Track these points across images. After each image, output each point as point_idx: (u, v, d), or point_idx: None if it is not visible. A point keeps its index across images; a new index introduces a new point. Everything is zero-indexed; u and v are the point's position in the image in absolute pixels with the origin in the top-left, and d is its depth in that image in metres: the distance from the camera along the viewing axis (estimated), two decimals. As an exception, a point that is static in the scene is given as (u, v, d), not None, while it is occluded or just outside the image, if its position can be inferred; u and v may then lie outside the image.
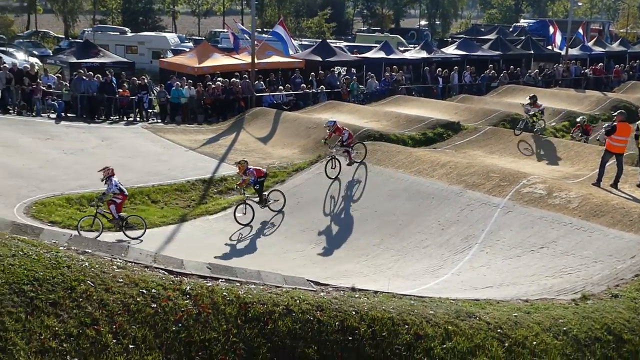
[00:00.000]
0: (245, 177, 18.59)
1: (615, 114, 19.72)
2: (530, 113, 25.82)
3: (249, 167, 18.76)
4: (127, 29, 67.10)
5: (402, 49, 52.06)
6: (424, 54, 44.51)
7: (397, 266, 15.00)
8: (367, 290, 10.60)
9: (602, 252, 13.99)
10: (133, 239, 17.05)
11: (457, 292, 12.16)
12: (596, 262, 13.66)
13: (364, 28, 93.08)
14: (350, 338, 8.77)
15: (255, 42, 34.36)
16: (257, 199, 18.88)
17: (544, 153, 23.69)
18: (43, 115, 27.77)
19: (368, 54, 44.21)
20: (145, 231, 17.43)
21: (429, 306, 10.12)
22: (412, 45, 58.21)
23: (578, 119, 27.82)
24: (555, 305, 11.14)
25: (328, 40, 51.02)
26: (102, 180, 17.51)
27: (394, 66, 39.47)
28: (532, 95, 26.91)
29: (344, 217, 18.06)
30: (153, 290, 8.48)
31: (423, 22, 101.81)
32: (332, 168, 20.53)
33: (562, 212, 15.95)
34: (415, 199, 18.23)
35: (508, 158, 22.95)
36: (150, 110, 31.41)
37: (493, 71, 42.41)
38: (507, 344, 9.59)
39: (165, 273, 9.25)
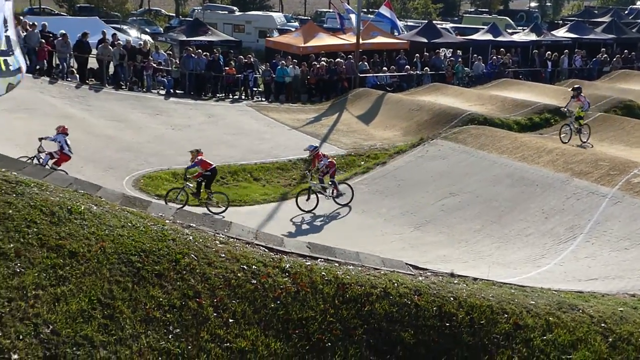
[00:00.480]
0: None
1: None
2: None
3: (199, 157, 17.84)
4: (235, 8, 68.19)
5: (510, 31, 50.83)
6: (533, 37, 43.31)
7: (498, 253, 14.71)
8: (466, 276, 10.45)
9: None
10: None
11: (560, 283, 11.82)
12: None
13: (472, 9, 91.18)
14: (447, 324, 8.66)
15: (361, 23, 34.21)
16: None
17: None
18: (153, 91, 28.59)
19: (475, 36, 43.39)
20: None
21: (530, 296, 9.88)
22: (521, 28, 56.69)
23: None
24: (666, 301, 10.68)
25: (434, 22, 50.29)
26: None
27: (501, 49, 38.57)
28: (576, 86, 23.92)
29: (444, 202, 17.82)
30: (253, 266, 8.62)
31: (533, 4, 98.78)
32: (306, 200, 18.29)
33: (676, 204, 15.26)
34: (518, 186, 17.81)
35: (619, 146, 22.08)
36: (255, 89, 31.86)
37: (605, 55, 40.78)
38: (610, 339, 9.26)
39: (266, 250, 9.38)
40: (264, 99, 31.23)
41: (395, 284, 8.98)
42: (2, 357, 6.18)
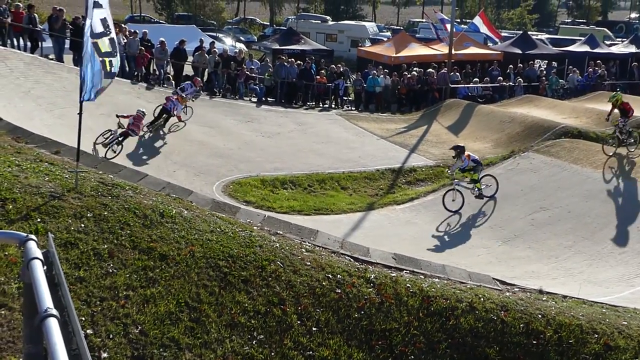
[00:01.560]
0: None
1: None
2: None
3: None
4: (328, 17, 68.72)
5: (608, 42, 49.31)
6: (632, 49, 41.88)
7: (589, 271, 14.25)
8: (556, 294, 10.20)
9: None
10: None
11: (655, 305, 11.37)
12: None
13: (568, 20, 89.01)
14: (534, 342, 8.47)
15: (454, 33, 33.90)
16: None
17: None
18: (245, 98, 29.05)
19: (571, 47, 42.34)
20: None
21: (622, 316, 9.55)
22: (620, 39, 54.96)
23: None
24: None
25: (529, 32, 49.33)
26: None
27: (598, 61, 37.48)
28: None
29: (534, 216, 17.41)
30: (338, 275, 8.65)
31: (634, 15, 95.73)
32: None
33: None
34: (612, 202, 17.23)
35: None
36: (345, 98, 31.97)
37: None
38: None
39: (351, 260, 9.40)
40: (353, 108, 31.28)
41: (482, 299, 8.84)
42: (93, 355, 6.38)
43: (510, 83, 33.95)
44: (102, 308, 7.07)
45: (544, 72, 36.19)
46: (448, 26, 33.71)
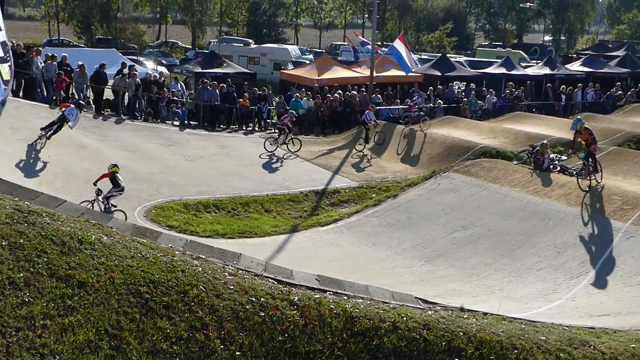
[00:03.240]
0: None
1: None
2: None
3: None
4: (251, 40, 68.89)
5: (524, 64, 50.98)
6: (546, 70, 43.40)
7: (509, 288, 14.62)
8: (477, 311, 10.40)
9: None
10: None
11: (571, 319, 11.73)
12: None
13: (486, 43, 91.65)
14: (456, 359, 8.61)
15: (375, 56, 34.42)
16: None
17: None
18: (167, 122, 28.81)
19: (488, 69, 43.57)
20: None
21: (541, 331, 9.80)
22: (534, 61, 56.89)
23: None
24: (679, 338, 10.55)
25: (448, 55, 50.56)
26: None
27: (515, 82, 38.67)
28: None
29: (455, 235, 17.77)
30: (262, 299, 8.63)
31: (547, 38, 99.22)
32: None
33: (690, 240, 15.15)
34: (530, 220, 17.75)
35: (632, 180, 21.94)
36: (268, 121, 32.04)
37: (620, 89, 40.74)
38: (622, 377, 9.17)
39: (275, 282, 9.39)
40: (277, 131, 31.36)
41: (404, 318, 8.95)
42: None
43: (431, 104, 34.65)
44: (18, 338, 6.87)
45: (463, 93, 37.13)
46: (369, 46, 34.07)
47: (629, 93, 40.23)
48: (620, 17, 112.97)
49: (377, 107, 32.73)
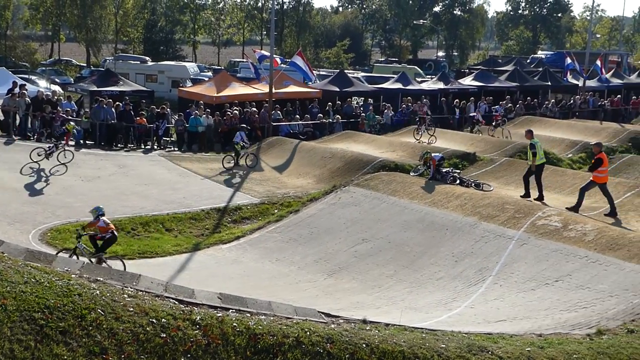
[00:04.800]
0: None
1: (593, 144, 20.47)
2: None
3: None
4: (147, 58, 67.92)
5: (419, 80, 52.26)
6: (441, 85, 44.69)
7: (410, 298, 14.87)
8: (379, 322, 10.52)
9: (618, 286, 13.80)
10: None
11: (470, 326, 12.04)
12: (612, 296, 13.48)
13: (382, 59, 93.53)
14: (360, 371, 8.69)
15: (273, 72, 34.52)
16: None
17: (559, 184, 23.52)
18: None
19: (385, 85, 44.43)
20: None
21: (441, 340, 10.01)
22: (429, 76, 58.41)
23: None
24: (570, 340, 10.99)
25: (346, 71, 51.30)
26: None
27: (411, 97, 39.62)
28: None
29: (357, 248, 17.97)
30: (163, 319, 8.47)
31: (441, 54, 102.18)
32: None
33: (578, 245, 15.79)
34: (429, 230, 18.13)
35: (514, 188, 22.80)
36: (167, 139, 31.62)
37: (510, 102, 42.35)
38: (519, 379, 9.46)
39: (176, 302, 9.24)
40: (176, 149, 31.02)
41: (308, 333, 8.96)
42: None
43: (330, 120, 35.04)
44: None
45: (361, 108, 37.73)
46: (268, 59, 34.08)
47: (517, 106, 41.90)
48: (508, 34, 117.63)
49: (277, 123, 32.89)
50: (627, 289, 13.59)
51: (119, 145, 29.71)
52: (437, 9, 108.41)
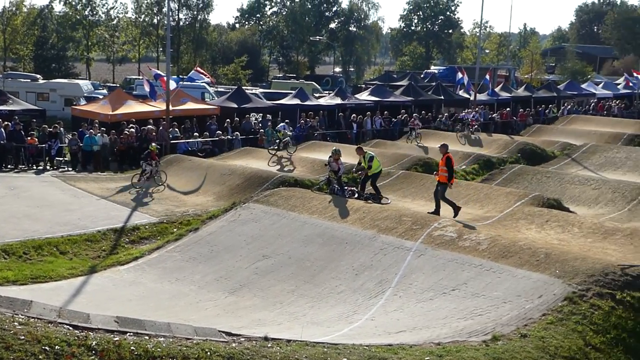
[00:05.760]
0: None
1: (439, 146, 21.28)
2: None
3: None
4: (38, 75, 65.81)
5: (317, 95, 52.76)
6: (338, 100, 45.23)
7: (312, 313, 14.89)
8: (280, 339, 10.49)
9: (511, 293, 14.25)
10: None
11: (371, 338, 12.16)
12: (505, 302, 13.90)
13: (280, 75, 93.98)
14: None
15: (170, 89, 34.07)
16: None
17: (454, 196, 24.13)
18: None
19: (283, 101, 44.62)
20: None
21: (342, 353, 10.07)
22: (327, 92, 59.05)
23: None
24: (467, 347, 11.26)
25: (244, 87, 51.25)
26: None
27: (309, 112, 39.96)
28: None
29: (258, 265, 17.87)
30: (56, 346, 8.17)
31: (338, 69, 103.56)
32: None
33: (472, 254, 16.22)
34: (329, 245, 18.23)
35: (420, 202, 23.33)
36: (60, 159, 30.70)
37: (406, 116, 43.31)
38: (419, 389, 9.61)
39: (71, 328, 8.93)
40: (70, 169, 30.16)
41: (208, 353, 8.85)
42: None
43: (229, 136, 34.89)
44: None
45: (260, 124, 37.74)
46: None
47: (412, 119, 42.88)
48: (402, 50, 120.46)
49: (176, 141, 32.48)
50: (519, 295, 14.05)
51: (9, 166, 28.64)
52: (333, 25, 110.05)
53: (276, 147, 31.86)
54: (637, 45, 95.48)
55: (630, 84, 64.87)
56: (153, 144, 28.18)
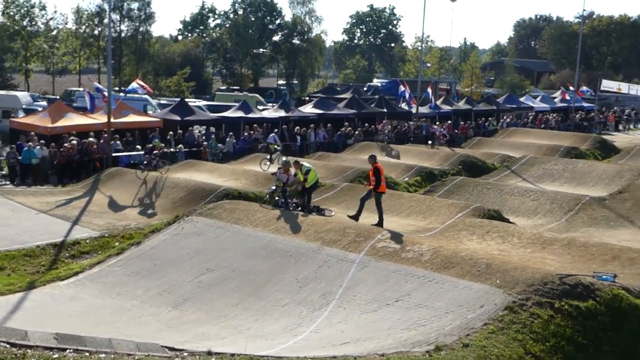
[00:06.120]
0: None
1: (368, 157, 21.71)
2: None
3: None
4: (-26, 87, 64.27)
5: (261, 107, 52.67)
6: (282, 113, 45.25)
7: (256, 326, 14.81)
8: (224, 353, 10.41)
9: (453, 303, 14.41)
10: None
11: (316, 350, 12.15)
12: (448, 312, 14.04)
13: (224, 87, 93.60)
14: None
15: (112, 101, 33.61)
16: None
17: (397, 207, 24.37)
18: None
19: (227, 113, 44.46)
20: None
21: (287, 366, 10.04)
22: (270, 104, 59.02)
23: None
24: (410, 357, 11.34)
25: (187, 100, 50.92)
26: None
27: (254, 125, 39.88)
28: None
29: (202, 278, 17.70)
30: (-7, 365, 7.96)
31: (281, 82, 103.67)
32: None
33: (415, 266, 16.35)
34: (273, 257, 18.18)
35: (363, 213, 23.41)
36: (-5, 173, 30.07)
37: (350, 128, 43.58)
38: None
39: (8, 346, 8.71)
40: (8, 183, 29.48)
41: (150, 369, 8.73)
42: None
43: (172, 149, 34.59)
44: None
45: (203, 137, 37.53)
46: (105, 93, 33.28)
47: (356, 132, 43.19)
48: (345, 62, 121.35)
49: (117, 154, 32.06)
50: (461, 305, 14.21)
51: (-57, 180, 27.91)
52: (276, 38, 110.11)
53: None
54: (572, 60, 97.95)
55: (567, 97, 66.70)
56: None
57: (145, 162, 29.87)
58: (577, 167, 35.04)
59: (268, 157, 32.67)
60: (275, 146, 33.20)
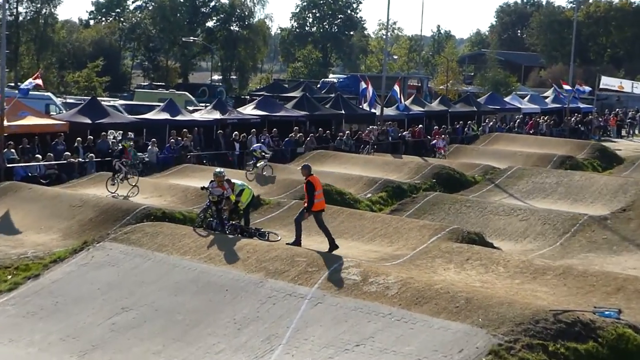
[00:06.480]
0: None
1: (300, 168, 22.12)
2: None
3: None
4: None
5: (191, 108, 52.44)
6: (217, 115, 44.93)
7: (184, 379, 14.60)
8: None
9: (427, 347, 14.34)
10: None
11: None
12: (420, 359, 13.97)
13: (145, 84, 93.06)
14: None
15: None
16: None
17: (357, 230, 24.31)
18: None
19: (149, 115, 44.05)
20: None
21: None
22: (203, 104, 58.75)
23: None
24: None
25: (99, 98, 50.39)
26: None
27: (183, 129, 39.56)
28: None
29: (116, 319, 17.37)
30: None
31: (216, 77, 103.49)
32: None
33: (380, 301, 16.26)
34: (205, 293, 17.95)
35: (317, 237, 23.27)
36: None
37: (300, 134, 43.49)
38: None
39: None
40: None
41: None
42: None
43: (80, 159, 34.13)
44: None
45: (119, 144, 37.03)
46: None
47: (308, 139, 43.10)
48: (295, 54, 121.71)
49: (11, 165, 31.48)
50: (436, 349, 14.15)
51: None
52: (210, 24, 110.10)
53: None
54: (566, 52, 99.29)
55: (561, 97, 67.57)
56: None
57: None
58: (573, 180, 35.45)
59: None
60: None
